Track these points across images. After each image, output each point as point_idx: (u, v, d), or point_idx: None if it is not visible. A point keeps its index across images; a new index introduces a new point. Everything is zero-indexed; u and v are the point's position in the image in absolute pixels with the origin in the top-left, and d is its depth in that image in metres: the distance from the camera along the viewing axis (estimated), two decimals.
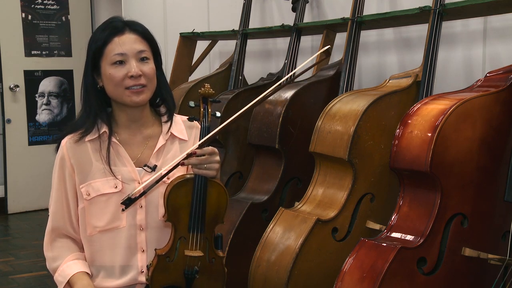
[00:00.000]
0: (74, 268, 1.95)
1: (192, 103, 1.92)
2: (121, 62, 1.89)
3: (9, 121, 5.64)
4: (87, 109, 1.96)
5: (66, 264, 1.96)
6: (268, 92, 1.89)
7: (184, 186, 1.87)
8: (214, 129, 1.86)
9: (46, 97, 5.86)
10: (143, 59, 1.91)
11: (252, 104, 1.85)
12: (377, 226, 2.42)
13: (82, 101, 1.98)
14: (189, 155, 1.83)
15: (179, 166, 1.84)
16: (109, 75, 1.89)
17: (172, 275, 1.89)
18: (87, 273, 1.95)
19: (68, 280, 1.93)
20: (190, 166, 1.91)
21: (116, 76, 1.88)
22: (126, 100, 1.91)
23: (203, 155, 1.84)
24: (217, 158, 1.88)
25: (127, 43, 1.90)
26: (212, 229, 1.93)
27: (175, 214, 1.87)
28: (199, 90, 1.92)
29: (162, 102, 2.04)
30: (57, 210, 1.98)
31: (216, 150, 1.88)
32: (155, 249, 1.90)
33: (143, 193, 1.85)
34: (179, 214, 1.87)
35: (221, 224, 1.95)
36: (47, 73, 5.85)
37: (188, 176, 1.88)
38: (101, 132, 1.95)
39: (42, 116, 5.85)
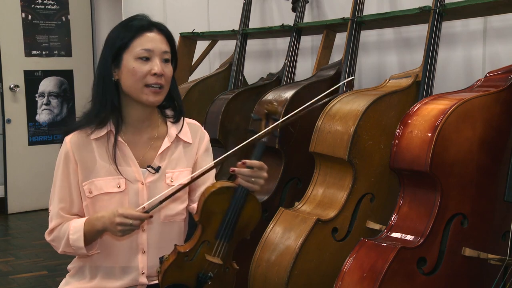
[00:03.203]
0: (81, 219, 1.93)
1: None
2: (147, 59, 1.89)
3: (9, 121, 5.63)
4: (103, 101, 1.93)
5: (72, 224, 1.93)
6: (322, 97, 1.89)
7: (224, 193, 1.87)
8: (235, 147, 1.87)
9: (46, 97, 5.86)
10: (166, 60, 1.92)
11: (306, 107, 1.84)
12: (377, 226, 2.42)
13: (97, 93, 1.94)
14: (241, 165, 1.84)
15: (230, 173, 1.87)
16: (132, 69, 1.88)
17: (185, 275, 1.88)
18: None
19: (84, 230, 1.89)
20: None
21: (139, 70, 1.88)
22: (142, 98, 1.90)
23: (252, 167, 1.85)
24: (265, 174, 1.89)
25: (155, 40, 1.91)
26: (237, 241, 1.93)
27: (207, 218, 1.87)
28: (266, 106, 1.93)
29: (170, 105, 2.04)
30: (61, 208, 1.96)
31: (265, 166, 1.89)
32: (175, 245, 1.89)
33: (169, 197, 1.85)
34: (212, 219, 1.87)
35: (247, 238, 1.96)
36: (47, 73, 5.85)
37: (230, 184, 1.88)
38: (107, 131, 1.95)
39: (42, 116, 5.85)
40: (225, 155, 1.88)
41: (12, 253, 4.53)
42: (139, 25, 1.92)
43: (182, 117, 2.05)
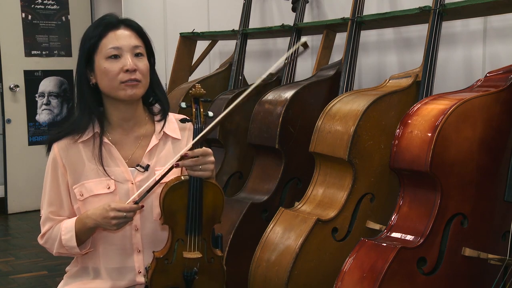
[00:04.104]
0: (72, 219, 1.93)
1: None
2: (116, 56, 1.87)
3: (9, 121, 5.64)
4: (82, 107, 1.94)
5: (63, 225, 1.93)
6: (252, 89, 1.88)
7: (179, 189, 1.85)
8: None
9: (46, 97, 5.86)
10: (137, 55, 1.90)
11: (239, 102, 1.82)
12: (377, 226, 2.42)
13: (77, 99, 1.95)
14: (182, 157, 1.82)
15: (174, 168, 1.83)
16: (104, 69, 1.87)
17: (171, 277, 1.88)
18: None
19: (75, 229, 1.89)
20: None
21: (111, 70, 1.86)
22: (120, 94, 1.88)
23: (197, 156, 1.82)
24: (211, 158, 1.85)
25: (122, 37, 1.89)
26: (209, 229, 1.92)
27: (171, 217, 1.86)
28: (190, 91, 1.91)
29: (155, 101, 2.03)
30: (51, 212, 1.96)
31: (210, 150, 1.86)
32: (153, 252, 1.90)
33: (141, 199, 1.84)
34: (176, 217, 1.86)
35: (219, 223, 1.95)
36: (47, 73, 5.85)
37: (182, 178, 1.86)
38: (93, 133, 1.94)
39: (42, 116, 5.85)
40: (186, 149, 1.84)
41: (12, 253, 4.53)
42: (105, 24, 1.91)
43: (167, 113, 2.03)
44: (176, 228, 1.87)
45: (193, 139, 1.87)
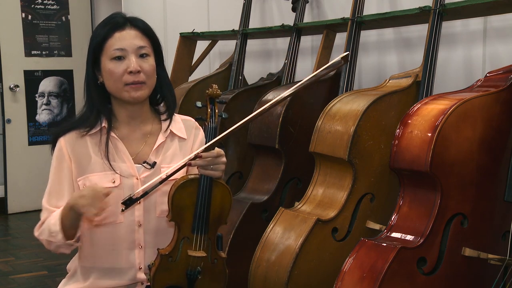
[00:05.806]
0: (58, 210, 1.88)
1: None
2: (120, 58, 1.88)
3: (9, 121, 5.63)
4: (89, 105, 1.95)
5: (54, 212, 1.89)
6: (287, 94, 1.88)
7: (189, 187, 1.86)
8: (219, 129, 1.86)
9: (46, 97, 5.86)
10: (142, 56, 1.91)
11: (269, 106, 1.83)
12: (377, 226, 2.42)
13: (85, 97, 1.97)
14: (195, 157, 1.82)
15: (186, 166, 1.84)
16: (109, 70, 1.89)
17: (174, 275, 1.89)
18: None
19: (61, 212, 1.83)
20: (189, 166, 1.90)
21: (115, 71, 1.88)
22: (124, 96, 1.90)
23: (210, 157, 1.83)
24: (224, 159, 1.88)
25: (127, 38, 1.89)
26: (215, 230, 1.93)
27: (179, 214, 1.87)
28: (207, 91, 1.92)
29: (162, 99, 2.03)
30: (50, 203, 1.94)
31: (222, 151, 1.88)
32: (158, 249, 1.90)
33: (145, 194, 1.84)
34: (183, 214, 1.87)
35: (225, 224, 1.95)
36: (47, 73, 5.85)
37: (193, 176, 1.87)
38: (101, 127, 1.95)
39: (42, 116, 5.84)
40: (200, 149, 1.84)
41: (12, 253, 4.53)
42: (112, 24, 1.91)
43: (174, 111, 2.03)
44: (183, 225, 1.88)
45: (206, 138, 1.88)
